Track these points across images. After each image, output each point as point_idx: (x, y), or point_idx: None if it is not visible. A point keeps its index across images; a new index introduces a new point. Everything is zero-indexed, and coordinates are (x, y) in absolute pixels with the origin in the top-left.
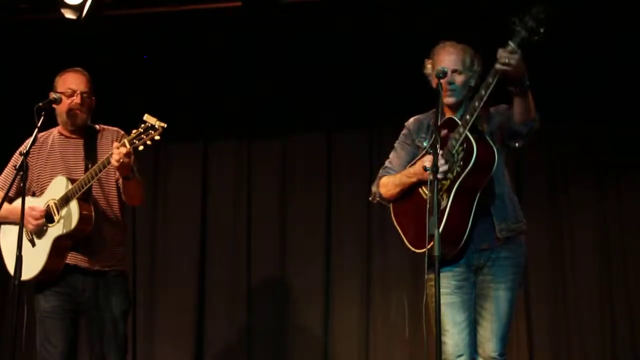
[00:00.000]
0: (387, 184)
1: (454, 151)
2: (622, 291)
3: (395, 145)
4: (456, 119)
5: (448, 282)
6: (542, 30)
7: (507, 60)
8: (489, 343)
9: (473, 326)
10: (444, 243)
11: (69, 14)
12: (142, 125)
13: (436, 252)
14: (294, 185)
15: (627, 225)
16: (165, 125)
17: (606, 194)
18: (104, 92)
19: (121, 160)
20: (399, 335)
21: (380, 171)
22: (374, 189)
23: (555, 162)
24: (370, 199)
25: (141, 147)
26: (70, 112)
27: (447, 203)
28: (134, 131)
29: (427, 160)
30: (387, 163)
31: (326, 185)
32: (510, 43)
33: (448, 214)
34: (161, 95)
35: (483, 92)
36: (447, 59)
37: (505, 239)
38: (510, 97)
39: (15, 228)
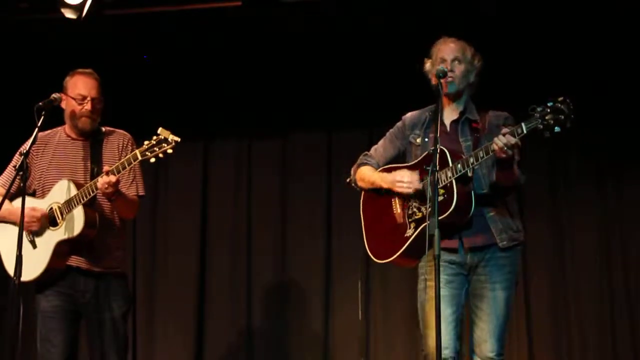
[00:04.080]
0: (364, 178)
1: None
2: (622, 291)
3: (387, 134)
4: (447, 154)
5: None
6: (556, 130)
7: (506, 150)
8: (485, 343)
9: (460, 321)
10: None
11: (69, 14)
12: (155, 138)
13: (436, 252)
14: (294, 185)
15: (628, 225)
16: (179, 140)
17: (607, 195)
18: (103, 92)
19: (106, 187)
20: (400, 334)
21: (362, 157)
22: (352, 172)
23: (556, 162)
24: (347, 180)
25: (153, 160)
26: (79, 118)
27: (413, 234)
28: (146, 142)
29: (403, 175)
30: (371, 150)
31: (326, 185)
32: (517, 132)
33: (409, 244)
34: (161, 95)
35: (472, 160)
36: (447, 48)
37: (506, 249)
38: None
39: (12, 228)
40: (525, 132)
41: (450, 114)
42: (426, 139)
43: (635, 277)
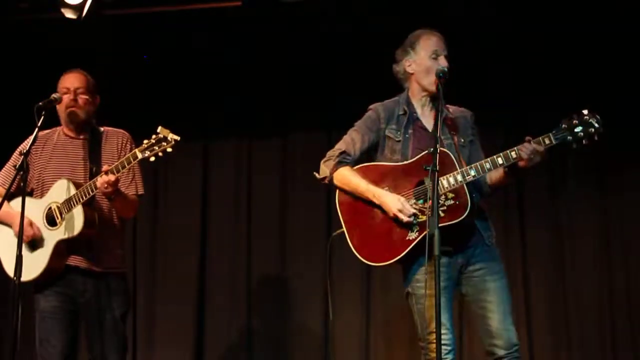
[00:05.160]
0: (345, 182)
1: (442, 193)
2: (622, 291)
3: (358, 127)
4: (452, 157)
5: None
6: (585, 142)
7: (532, 158)
8: (508, 332)
9: (453, 322)
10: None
11: (69, 14)
12: (155, 136)
13: (436, 252)
14: (294, 185)
15: (628, 225)
16: (179, 139)
17: (607, 194)
18: (103, 92)
19: (105, 186)
20: (400, 335)
21: (338, 155)
22: (325, 170)
23: (556, 162)
24: (317, 176)
25: (152, 158)
26: (66, 110)
27: (417, 237)
28: (145, 141)
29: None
30: (346, 147)
31: (326, 185)
32: (545, 142)
33: (413, 248)
34: (161, 95)
35: (489, 166)
36: (438, 43)
37: (490, 245)
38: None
39: (8, 230)
40: (554, 143)
41: (427, 112)
42: (407, 135)
43: (635, 277)
